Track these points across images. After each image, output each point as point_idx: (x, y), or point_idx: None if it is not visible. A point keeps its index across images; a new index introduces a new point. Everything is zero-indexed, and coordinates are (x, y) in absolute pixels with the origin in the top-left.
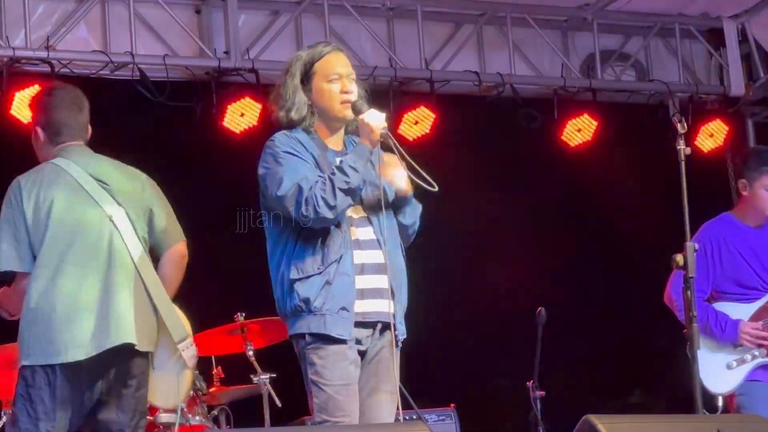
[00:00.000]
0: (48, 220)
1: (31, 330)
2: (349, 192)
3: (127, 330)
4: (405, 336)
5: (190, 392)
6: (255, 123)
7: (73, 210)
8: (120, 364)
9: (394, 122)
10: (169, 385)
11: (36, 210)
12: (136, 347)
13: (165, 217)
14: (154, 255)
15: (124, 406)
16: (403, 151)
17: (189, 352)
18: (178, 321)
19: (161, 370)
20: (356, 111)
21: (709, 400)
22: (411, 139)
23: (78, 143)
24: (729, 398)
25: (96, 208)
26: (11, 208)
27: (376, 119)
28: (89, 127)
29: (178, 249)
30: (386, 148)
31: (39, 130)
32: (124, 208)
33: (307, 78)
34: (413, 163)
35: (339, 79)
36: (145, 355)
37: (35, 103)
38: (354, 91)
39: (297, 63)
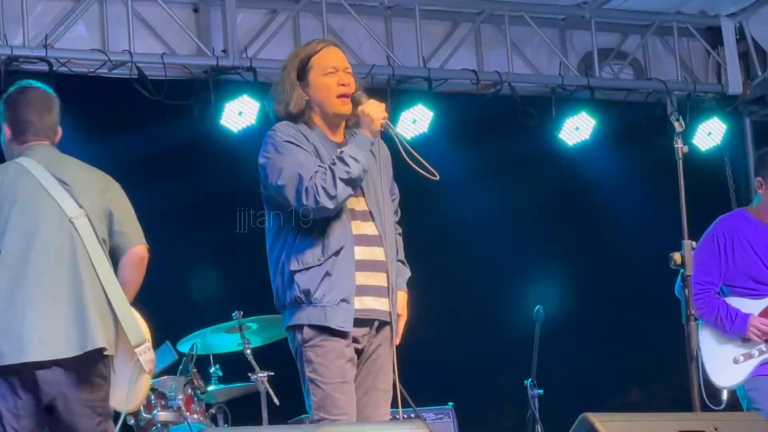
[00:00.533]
0: (8, 222)
1: None
2: (350, 182)
3: (97, 334)
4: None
5: (146, 396)
6: (253, 121)
7: (33, 210)
8: (87, 368)
9: (391, 121)
10: (126, 388)
11: None
12: (105, 352)
13: (125, 219)
14: (115, 258)
15: (88, 410)
16: (404, 141)
17: (146, 356)
18: (136, 325)
19: (120, 374)
20: (355, 102)
21: (713, 393)
22: (408, 137)
23: (43, 143)
24: (735, 393)
25: (56, 209)
26: None
27: (375, 109)
28: (58, 129)
29: (137, 251)
30: (387, 138)
31: (6, 128)
32: (84, 210)
33: (303, 73)
34: (414, 152)
35: (335, 73)
36: (107, 359)
37: (3, 102)
38: (351, 84)
39: (293, 60)
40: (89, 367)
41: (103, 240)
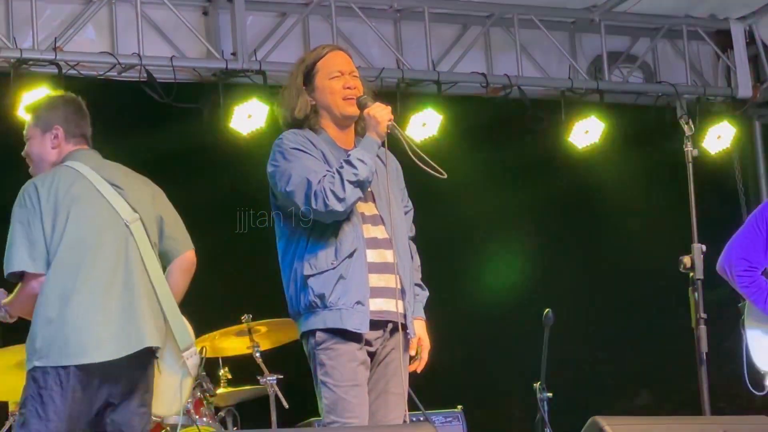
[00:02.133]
0: (66, 224)
1: (46, 331)
2: (358, 184)
3: (149, 335)
4: (414, 335)
5: (189, 400)
6: (262, 124)
7: (91, 214)
8: (136, 369)
9: (401, 124)
10: (173, 393)
11: (55, 213)
12: (155, 352)
13: (174, 225)
14: (163, 262)
15: (136, 409)
16: (410, 142)
17: (193, 360)
18: (185, 329)
19: (166, 377)
20: (361, 106)
21: (756, 379)
22: (418, 140)
23: (88, 149)
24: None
25: (113, 213)
26: (25, 209)
27: (381, 112)
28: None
29: (187, 257)
30: (393, 140)
31: (59, 129)
32: (138, 214)
33: (309, 78)
34: (421, 153)
35: (341, 76)
36: (155, 360)
37: (45, 105)
38: (358, 86)
39: (299, 65)
40: (140, 367)
41: (154, 244)
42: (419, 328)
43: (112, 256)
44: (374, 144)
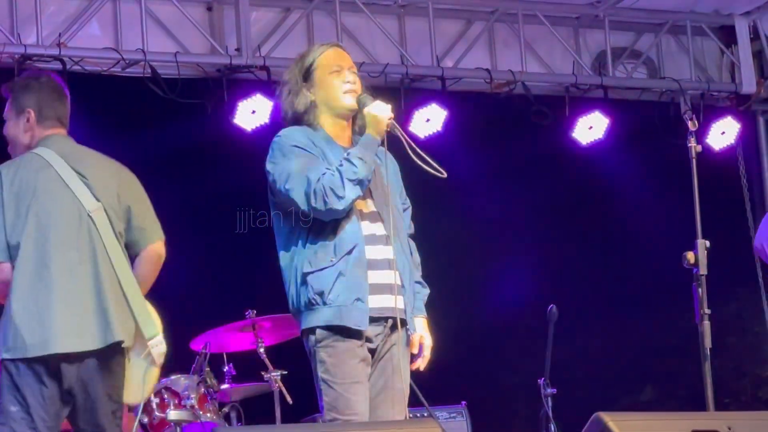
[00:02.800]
0: (28, 213)
1: (12, 323)
2: (358, 183)
3: (117, 329)
4: (415, 332)
5: (153, 389)
6: (266, 120)
7: (53, 204)
8: (107, 359)
9: (405, 120)
10: (138, 382)
11: (17, 201)
12: (124, 345)
13: (144, 214)
14: (131, 252)
15: (106, 397)
16: (410, 141)
17: (158, 349)
18: (150, 319)
19: (133, 366)
20: (361, 104)
21: None
22: (422, 136)
23: (61, 132)
24: None
25: (75, 202)
26: None
27: (381, 110)
28: (67, 118)
29: (155, 248)
30: (393, 138)
31: (30, 112)
32: (102, 204)
33: (308, 74)
34: (420, 152)
35: (340, 71)
36: (124, 350)
37: (22, 86)
38: (357, 82)
39: (298, 62)
40: (110, 358)
41: (119, 234)
42: (421, 326)
43: (76, 247)
44: (374, 142)
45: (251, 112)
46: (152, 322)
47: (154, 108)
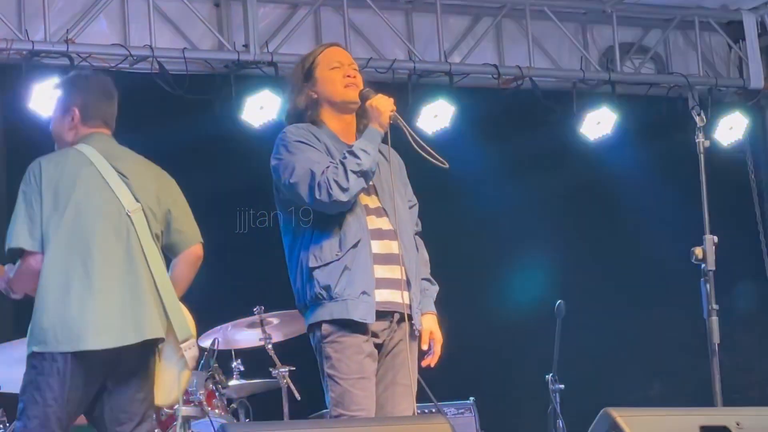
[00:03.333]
0: (67, 208)
1: (46, 317)
2: (362, 174)
3: (151, 326)
4: (421, 328)
5: (184, 392)
6: (274, 116)
7: (92, 200)
8: (136, 357)
9: (412, 115)
10: (171, 383)
11: (56, 195)
12: (158, 342)
13: (183, 217)
14: (169, 255)
15: (133, 395)
16: (412, 132)
17: (191, 352)
18: (184, 321)
19: (165, 368)
20: (364, 99)
21: None
22: (430, 132)
23: (105, 132)
24: None
25: (115, 202)
26: (29, 187)
27: (384, 102)
28: (113, 118)
29: (193, 251)
30: (396, 133)
31: (75, 110)
32: (141, 205)
33: (310, 72)
34: (422, 143)
35: (341, 67)
36: (156, 350)
37: (69, 84)
38: (358, 77)
39: (299, 63)
40: (142, 357)
41: (156, 235)
42: (431, 322)
43: (114, 245)
44: (377, 134)
45: (259, 108)
46: (186, 324)
47: (161, 104)
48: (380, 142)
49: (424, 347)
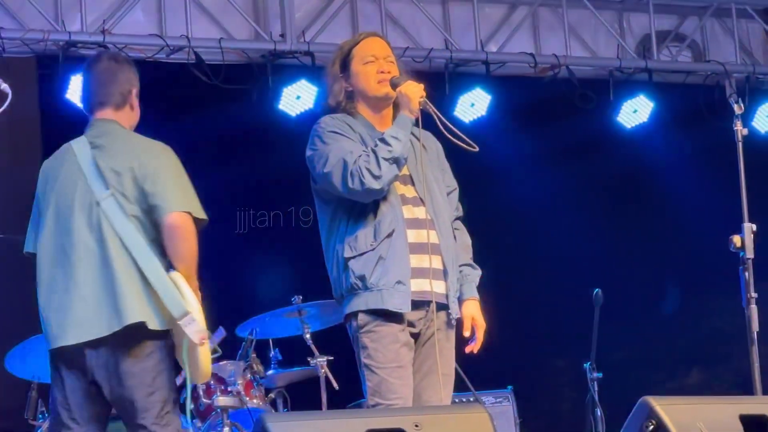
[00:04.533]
0: (49, 205)
1: (41, 314)
2: (394, 161)
3: (131, 310)
4: (459, 315)
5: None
6: (311, 106)
7: (69, 195)
8: (127, 344)
9: (449, 104)
10: (192, 361)
11: (43, 194)
12: (148, 326)
13: (160, 191)
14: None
15: (136, 380)
16: (441, 116)
17: (191, 328)
18: (175, 298)
19: (185, 348)
20: (394, 85)
21: None
22: (467, 121)
23: (105, 114)
24: None
25: (88, 192)
26: (37, 188)
27: (413, 88)
28: (123, 95)
29: (167, 221)
30: (429, 116)
31: (83, 105)
32: (111, 191)
33: (345, 65)
34: (452, 127)
35: (375, 61)
36: (157, 334)
37: (83, 75)
38: (392, 71)
39: (337, 53)
40: (130, 343)
41: (133, 216)
42: (473, 308)
43: (88, 238)
44: (408, 121)
45: (296, 98)
46: (178, 301)
47: (198, 94)
48: (413, 128)
49: (467, 334)
